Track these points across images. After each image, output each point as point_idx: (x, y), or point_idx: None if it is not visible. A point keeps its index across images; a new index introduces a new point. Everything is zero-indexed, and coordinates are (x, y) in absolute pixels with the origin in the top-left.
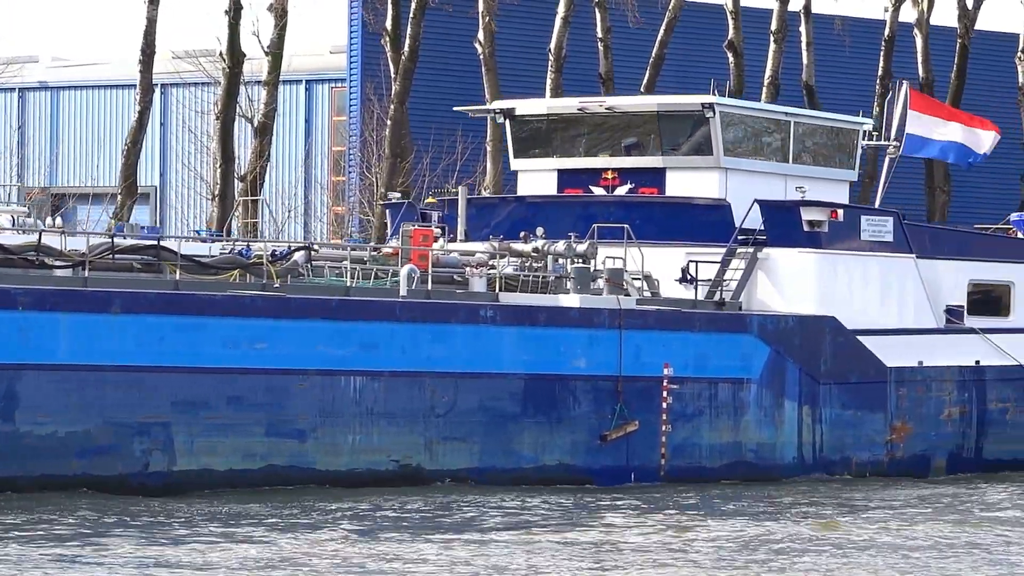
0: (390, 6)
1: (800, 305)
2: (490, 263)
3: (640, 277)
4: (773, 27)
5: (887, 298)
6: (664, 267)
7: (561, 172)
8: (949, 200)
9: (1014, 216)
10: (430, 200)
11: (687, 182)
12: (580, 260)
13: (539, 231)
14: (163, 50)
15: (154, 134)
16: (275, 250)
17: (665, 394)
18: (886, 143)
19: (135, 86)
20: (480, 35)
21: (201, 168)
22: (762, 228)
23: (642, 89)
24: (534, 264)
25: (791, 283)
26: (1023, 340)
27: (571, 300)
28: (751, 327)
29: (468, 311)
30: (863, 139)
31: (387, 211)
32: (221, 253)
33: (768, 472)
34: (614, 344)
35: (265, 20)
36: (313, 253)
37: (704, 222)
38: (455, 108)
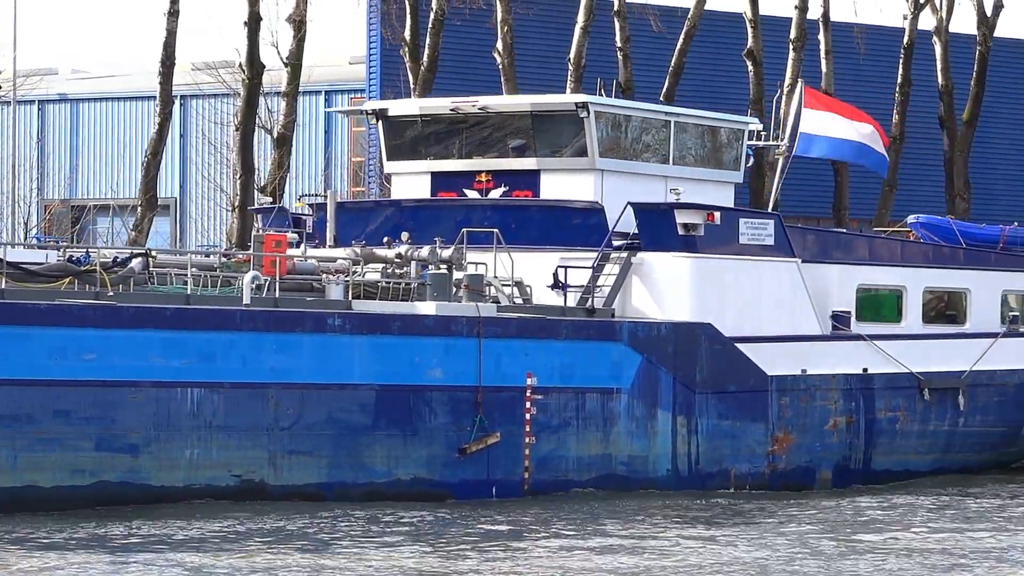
0: (408, 17)
1: (675, 312)
2: (353, 270)
3: (511, 283)
4: (792, 35)
5: (768, 304)
6: (538, 273)
7: (435, 175)
8: (969, 207)
9: (911, 218)
10: (299, 204)
11: (562, 185)
12: (446, 266)
13: (404, 236)
14: (183, 62)
15: (174, 146)
16: (116, 257)
17: (528, 405)
18: (774, 143)
19: (155, 98)
20: (499, 45)
21: (221, 179)
22: (635, 232)
23: (661, 98)
24: (396, 271)
25: (666, 289)
26: (916, 347)
27: (427, 308)
28: (621, 335)
29: (315, 320)
30: (749, 139)
31: (258, 216)
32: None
33: (641, 485)
34: (473, 353)
35: (284, 31)
36: (157, 260)
37: (578, 226)
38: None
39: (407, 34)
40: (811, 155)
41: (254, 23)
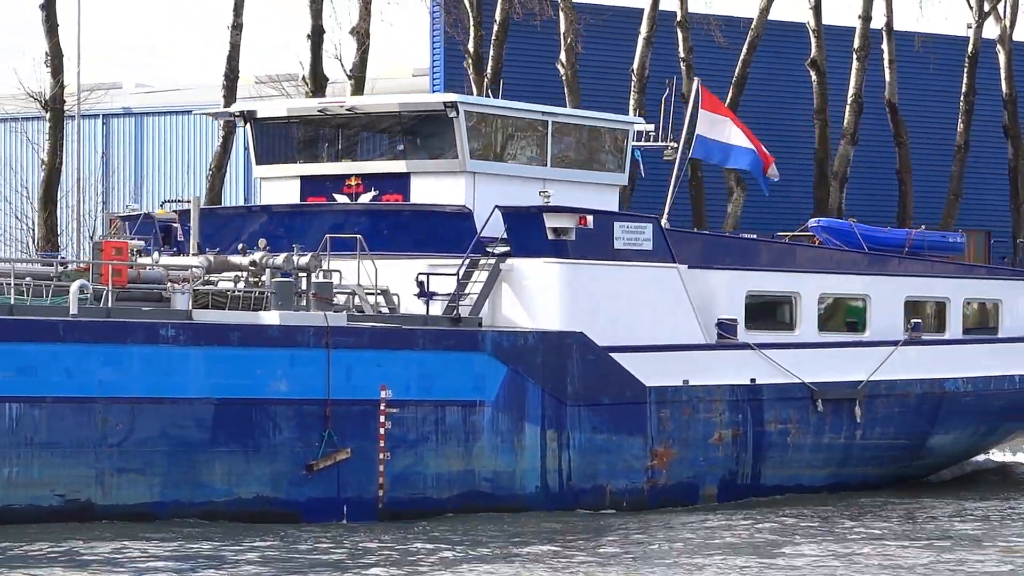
0: (472, 28)
1: (546, 320)
2: (206, 278)
3: (375, 292)
4: (856, 45)
5: (646, 312)
6: (407, 281)
7: (304, 179)
8: None
9: (812, 222)
10: (160, 212)
11: (433, 188)
12: (304, 274)
13: (261, 243)
14: (246, 75)
15: (238, 159)
16: None
17: (383, 419)
18: (662, 144)
19: None
20: (562, 56)
21: None
22: (504, 237)
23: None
24: (251, 279)
25: (536, 297)
26: (809, 356)
27: (271, 317)
28: (484, 345)
29: (146, 330)
30: (634, 140)
31: (124, 224)
32: None
33: (508, 503)
34: (321, 365)
35: (347, 44)
36: None
37: (447, 231)
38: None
39: (470, 45)
40: (710, 160)
41: (317, 36)
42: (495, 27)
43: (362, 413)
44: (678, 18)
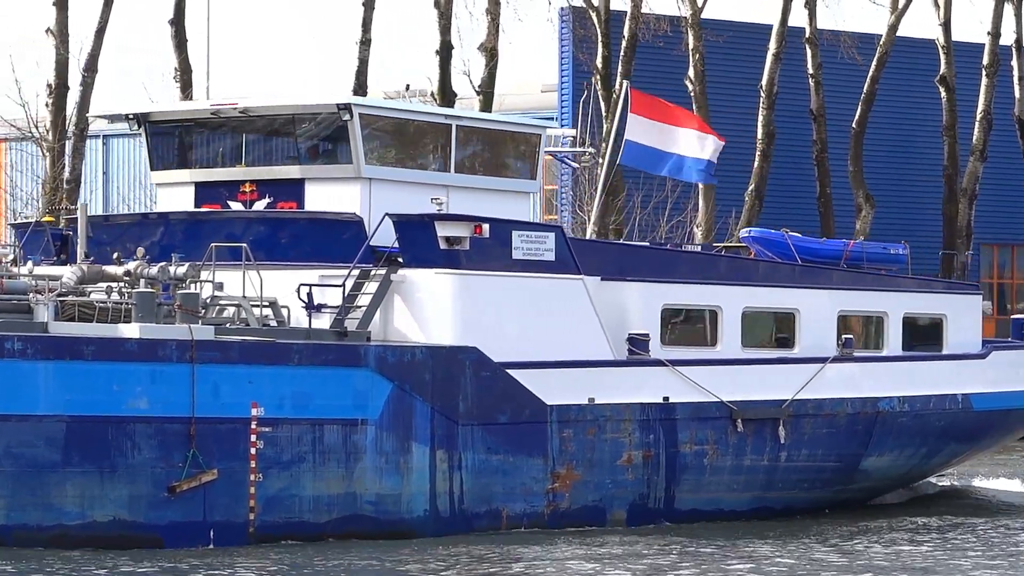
0: (600, 45)
1: (439, 334)
2: (80, 289)
3: (260, 304)
4: (985, 61)
5: (547, 326)
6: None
7: (199, 185)
8: None
9: (743, 232)
10: (47, 219)
11: (327, 195)
12: (181, 285)
13: (139, 252)
14: (375, 90)
15: None
16: None
17: (254, 438)
18: (581, 150)
19: None
20: (691, 72)
21: None
22: (395, 246)
23: (854, 126)
24: (124, 290)
25: (428, 309)
26: (728, 373)
27: (130, 330)
28: (366, 360)
29: None
30: (546, 146)
31: (15, 232)
32: None
33: (394, 527)
34: (184, 381)
35: (476, 60)
36: None
37: (339, 241)
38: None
39: (599, 62)
40: (640, 167)
41: (446, 52)
42: (623, 44)
43: (231, 432)
44: (807, 34)
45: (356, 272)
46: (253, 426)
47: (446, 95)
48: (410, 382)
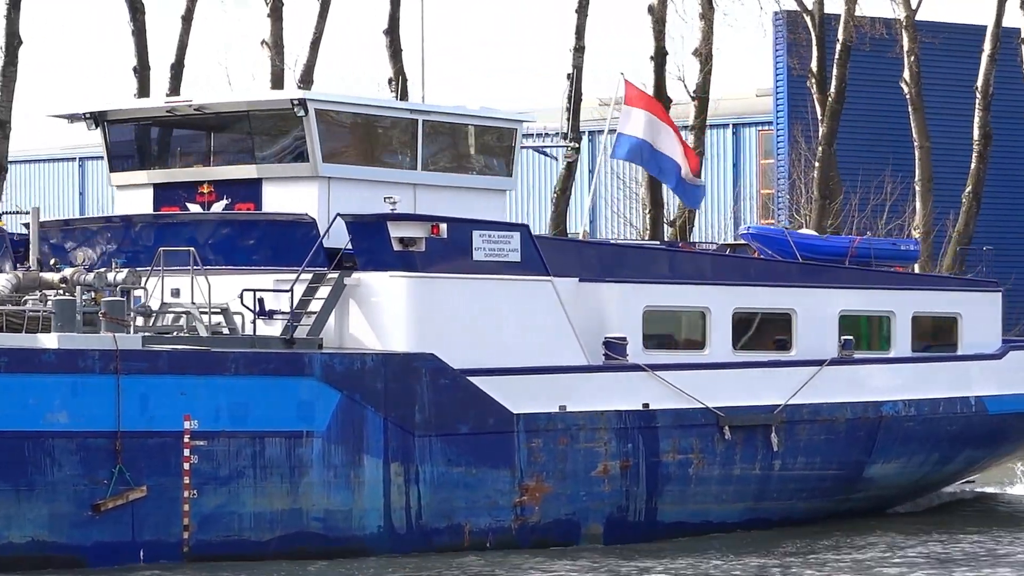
0: (815, 49)
1: (395, 341)
2: (15, 298)
3: (209, 311)
4: None
5: (512, 330)
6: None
7: (157, 187)
8: None
9: (742, 229)
10: None
11: (284, 196)
12: (118, 291)
13: (79, 257)
14: (589, 97)
15: (582, 181)
16: None
17: (187, 452)
18: (563, 144)
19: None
20: (906, 74)
21: (629, 213)
22: (349, 248)
23: None
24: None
25: (383, 314)
26: (715, 378)
27: (49, 340)
28: (311, 368)
29: None
30: (522, 140)
31: None
32: None
33: (345, 545)
34: (109, 393)
35: (690, 65)
36: None
37: (293, 243)
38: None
39: (814, 65)
40: (632, 162)
41: (660, 57)
42: (837, 47)
43: (160, 447)
44: (1022, 35)
45: (308, 276)
46: (186, 440)
47: (661, 100)
48: (360, 391)
